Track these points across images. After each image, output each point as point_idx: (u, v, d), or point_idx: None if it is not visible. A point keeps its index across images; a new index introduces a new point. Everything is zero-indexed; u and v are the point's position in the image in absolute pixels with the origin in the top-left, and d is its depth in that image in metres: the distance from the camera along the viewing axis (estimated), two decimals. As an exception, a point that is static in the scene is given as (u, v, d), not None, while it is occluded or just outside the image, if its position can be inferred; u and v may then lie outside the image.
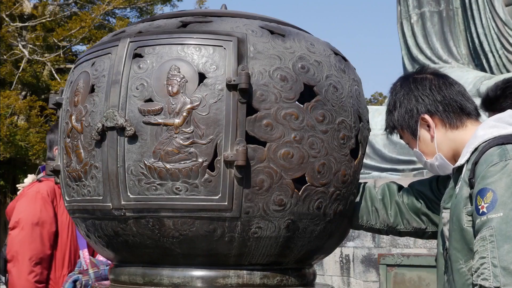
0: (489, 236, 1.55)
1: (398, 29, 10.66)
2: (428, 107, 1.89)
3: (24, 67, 14.91)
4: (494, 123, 1.79)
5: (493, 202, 1.56)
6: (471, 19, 9.64)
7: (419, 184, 2.12)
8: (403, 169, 8.40)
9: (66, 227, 2.92)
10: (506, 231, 1.52)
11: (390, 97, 2.00)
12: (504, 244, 1.51)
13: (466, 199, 1.71)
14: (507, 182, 1.57)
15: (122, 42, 1.96)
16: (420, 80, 1.94)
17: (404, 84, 1.96)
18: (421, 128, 1.91)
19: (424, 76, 1.96)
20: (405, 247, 6.89)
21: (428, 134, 1.90)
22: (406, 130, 1.94)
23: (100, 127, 1.89)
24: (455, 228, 1.74)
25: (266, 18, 2.11)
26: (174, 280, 1.94)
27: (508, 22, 9.13)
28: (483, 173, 1.63)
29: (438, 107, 1.88)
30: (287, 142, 1.87)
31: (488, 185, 1.59)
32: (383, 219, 2.10)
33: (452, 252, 1.75)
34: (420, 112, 1.89)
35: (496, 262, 1.51)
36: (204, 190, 1.83)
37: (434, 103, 1.88)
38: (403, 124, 1.94)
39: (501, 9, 9.27)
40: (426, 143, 1.91)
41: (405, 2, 10.42)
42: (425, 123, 1.89)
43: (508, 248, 1.50)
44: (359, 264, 7.24)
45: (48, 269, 2.90)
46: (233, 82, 1.83)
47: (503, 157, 1.62)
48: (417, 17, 10.23)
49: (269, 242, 1.92)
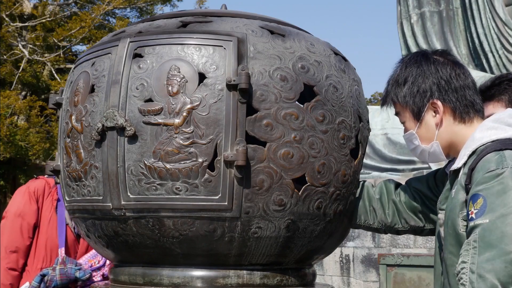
0: (473, 241, 1.55)
1: (398, 29, 10.67)
2: (443, 93, 1.81)
3: (24, 67, 14.92)
4: (492, 124, 1.75)
5: (482, 209, 1.56)
6: (471, 19, 9.64)
7: (416, 181, 2.09)
8: (403, 169, 8.41)
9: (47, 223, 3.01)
10: (489, 239, 1.52)
11: (401, 69, 1.88)
12: (485, 252, 1.51)
13: (462, 204, 1.68)
14: (499, 189, 1.56)
15: (122, 42, 1.97)
16: (442, 64, 1.84)
17: (423, 61, 1.85)
18: (427, 112, 1.83)
19: (445, 61, 1.86)
20: (405, 247, 6.89)
21: (432, 119, 1.82)
22: (410, 109, 1.85)
23: (100, 127, 1.89)
24: (450, 233, 1.72)
25: (266, 18, 2.11)
26: (174, 280, 1.94)
27: (508, 22, 9.14)
28: (478, 179, 1.61)
29: (453, 96, 1.81)
30: (287, 142, 1.87)
31: (480, 191, 1.59)
32: (380, 218, 2.09)
33: (447, 256, 1.74)
34: (433, 96, 1.81)
35: (474, 268, 1.51)
36: (204, 190, 1.83)
37: (450, 91, 1.81)
38: (409, 102, 1.84)
39: (501, 9, 9.27)
40: (428, 128, 1.83)
41: (405, 2, 10.42)
42: (434, 108, 1.82)
43: (488, 256, 1.50)
44: (359, 264, 7.24)
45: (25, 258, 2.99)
46: (233, 82, 1.83)
47: (500, 164, 1.59)
48: (417, 17, 10.24)
49: (269, 242, 1.92)
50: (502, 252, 1.49)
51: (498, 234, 1.51)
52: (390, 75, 1.92)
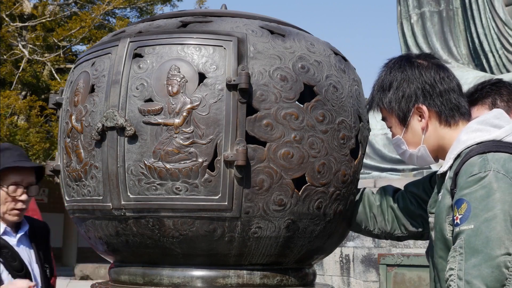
0: (459, 248, 1.55)
1: (398, 29, 10.67)
2: (428, 98, 1.80)
3: (24, 67, 14.91)
4: (477, 126, 1.73)
5: (466, 214, 1.55)
6: (471, 19, 9.64)
7: (413, 185, 2.08)
8: (403, 169, 8.40)
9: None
10: (474, 244, 1.51)
11: (385, 74, 1.87)
12: (471, 258, 1.51)
13: (448, 209, 1.67)
14: (482, 194, 1.55)
15: (122, 42, 1.97)
16: (426, 68, 1.84)
17: (407, 66, 1.85)
18: (413, 117, 1.82)
19: (429, 64, 1.85)
20: (405, 247, 6.89)
21: (418, 124, 1.82)
22: (395, 114, 1.84)
23: (100, 127, 1.89)
24: (439, 237, 1.72)
25: (266, 18, 2.11)
26: (174, 280, 1.94)
27: (508, 22, 9.14)
28: (462, 184, 1.60)
29: (437, 101, 1.81)
30: (287, 142, 1.87)
31: (464, 196, 1.58)
32: (380, 225, 2.09)
33: (438, 260, 1.73)
34: (418, 101, 1.81)
35: (462, 274, 1.51)
36: (204, 190, 1.83)
37: (434, 95, 1.80)
38: (395, 107, 1.83)
39: (501, 9, 9.27)
40: (414, 133, 1.83)
41: (405, 2, 10.42)
42: (419, 113, 1.81)
43: (474, 262, 1.50)
44: (359, 264, 7.24)
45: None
46: (233, 82, 1.83)
47: (483, 168, 1.58)
48: (417, 17, 10.24)
49: (269, 242, 1.92)
50: (488, 257, 1.49)
51: (483, 239, 1.51)
52: (375, 80, 1.92)
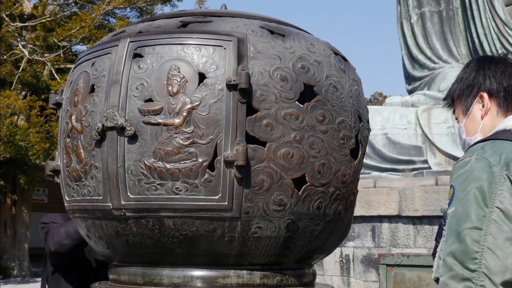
0: (444, 232, 1.62)
1: (398, 29, 10.66)
2: (491, 88, 1.86)
3: (24, 67, 14.90)
4: None
5: (451, 198, 1.62)
6: (471, 19, 9.64)
7: None
8: (403, 169, 8.40)
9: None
10: (452, 225, 1.58)
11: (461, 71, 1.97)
12: (450, 238, 1.57)
13: None
14: (464, 177, 1.61)
15: (122, 42, 1.97)
16: (496, 62, 1.91)
17: (480, 61, 1.94)
18: (475, 105, 1.88)
19: (501, 60, 1.93)
20: (405, 247, 6.89)
21: (479, 112, 1.87)
22: (461, 102, 1.91)
23: (100, 127, 1.89)
24: None
25: (266, 18, 2.11)
26: (174, 280, 1.94)
27: (508, 22, 9.14)
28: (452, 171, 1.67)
29: (500, 92, 1.86)
30: (287, 142, 1.87)
31: (452, 182, 1.65)
32: None
33: None
34: (481, 89, 1.87)
35: (442, 255, 1.59)
36: (204, 190, 1.83)
37: (499, 86, 1.86)
38: (461, 95, 1.91)
39: (501, 9, 9.27)
40: (473, 120, 1.88)
41: (405, 2, 10.42)
42: (481, 102, 1.87)
43: (451, 241, 1.56)
44: (359, 264, 7.24)
45: None
46: (233, 82, 1.83)
47: (470, 153, 1.64)
48: (417, 17, 10.23)
49: (269, 242, 1.92)
50: (457, 233, 1.55)
51: (457, 219, 1.57)
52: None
